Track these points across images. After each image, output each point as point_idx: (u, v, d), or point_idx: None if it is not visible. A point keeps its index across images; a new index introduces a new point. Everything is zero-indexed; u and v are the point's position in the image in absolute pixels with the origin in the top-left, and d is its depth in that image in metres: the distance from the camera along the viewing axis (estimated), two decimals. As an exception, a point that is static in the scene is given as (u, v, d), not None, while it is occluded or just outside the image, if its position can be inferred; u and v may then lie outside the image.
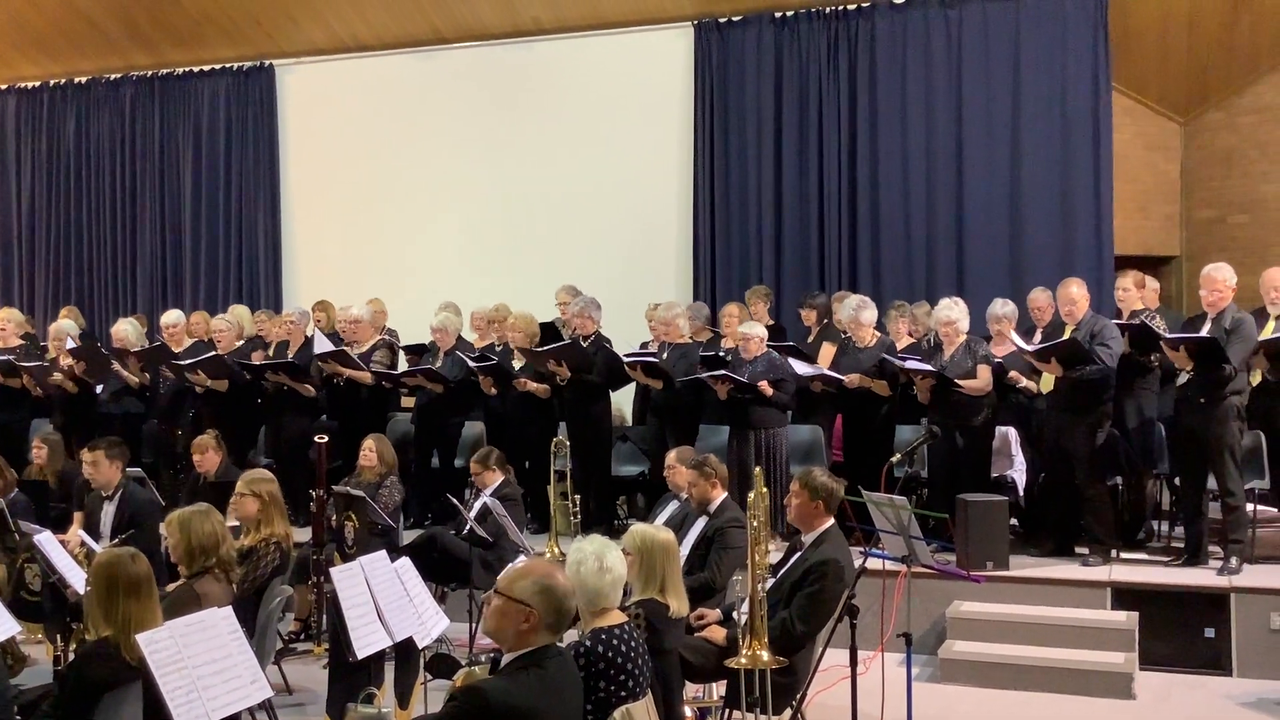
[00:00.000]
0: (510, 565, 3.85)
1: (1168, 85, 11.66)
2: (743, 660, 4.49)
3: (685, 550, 6.15)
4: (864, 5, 10.92)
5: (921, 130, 10.69)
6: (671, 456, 6.89)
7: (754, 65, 11.21)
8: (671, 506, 6.83)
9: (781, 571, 5.25)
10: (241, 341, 9.83)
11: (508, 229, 11.99)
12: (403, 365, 9.60)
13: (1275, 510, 7.54)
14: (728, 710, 5.03)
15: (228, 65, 13.09)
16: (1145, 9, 10.77)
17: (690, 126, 11.43)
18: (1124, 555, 7.53)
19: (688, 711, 4.88)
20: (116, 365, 9.62)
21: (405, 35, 12.32)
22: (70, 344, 9.66)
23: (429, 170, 12.28)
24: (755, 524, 4.65)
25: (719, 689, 5.31)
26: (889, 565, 5.38)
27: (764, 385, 7.90)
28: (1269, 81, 11.07)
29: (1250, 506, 7.20)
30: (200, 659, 4.03)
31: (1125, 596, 6.97)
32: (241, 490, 6.17)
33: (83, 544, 6.83)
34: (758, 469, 5.40)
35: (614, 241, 11.53)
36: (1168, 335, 7.05)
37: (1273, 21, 10.62)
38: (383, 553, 5.36)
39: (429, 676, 5.63)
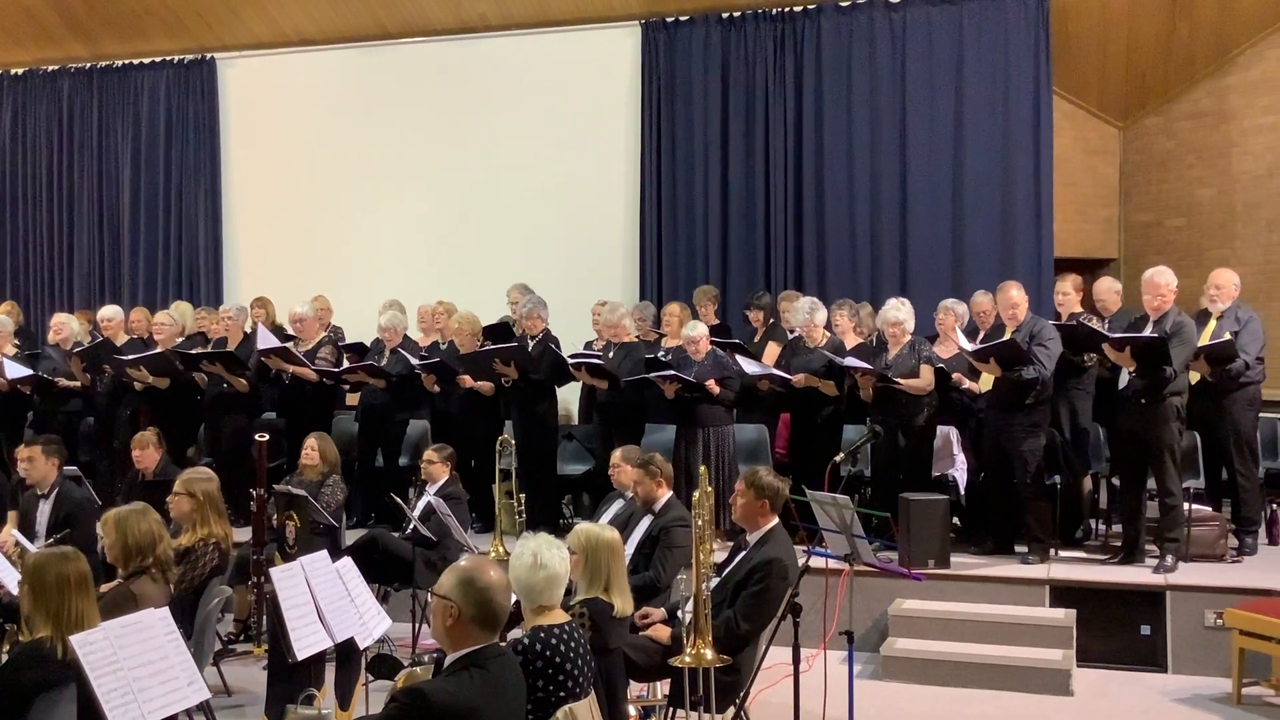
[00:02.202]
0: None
1: (1107, 90, 11.84)
2: (687, 659, 4.49)
3: (630, 549, 6.15)
4: (810, 7, 10.99)
5: (866, 131, 10.78)
6: (617, 455, 6.88)
7: (700, 65, 11.25)
8: (617, 505, 6.82)
9: (726, 570, 5.26)
10: (182, 338, 9.69)
11: (453, 226, 11.93)
12: (345, 365, 9.51)
13: (1209, 509, 7.67)
14: (671, 709, 5.04)
15: (168, 58, 12.93)
16: (1086, 15, 10.94)
17: (637, 125, 11.45)
18: (1062, 553, 7.65)
19: (631, 710, 4.88)
20: (64, 381, 9.45)
21: (349, 30, 12.22)
22: (12, 371, 9.35)
23: (372, 167, 12.19)
24: (700, 523, 4.65)
25: (663, 688, 5.31)
26: (832, 564, 5.40)
27: (711, 384, 7.92)
28: (1205, 87, 11.28)
29: (1185, 506, 7.33)
30: (136, 660, 3.95)
31: (1063, 594, 7.06)
32: (177, 489, 6.08)
33: (17, 544, 6.70)
34: (703, 468, 5.41)
35: (559, 240, 11.51)
36: (1115, 336, 7.14)
37: (1209, 29, 10.83)
38: (324, 552, 5.30)
39: (370, 677, 5.59)
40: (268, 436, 7.16)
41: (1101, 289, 8.29)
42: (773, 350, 8.83)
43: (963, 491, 8.13)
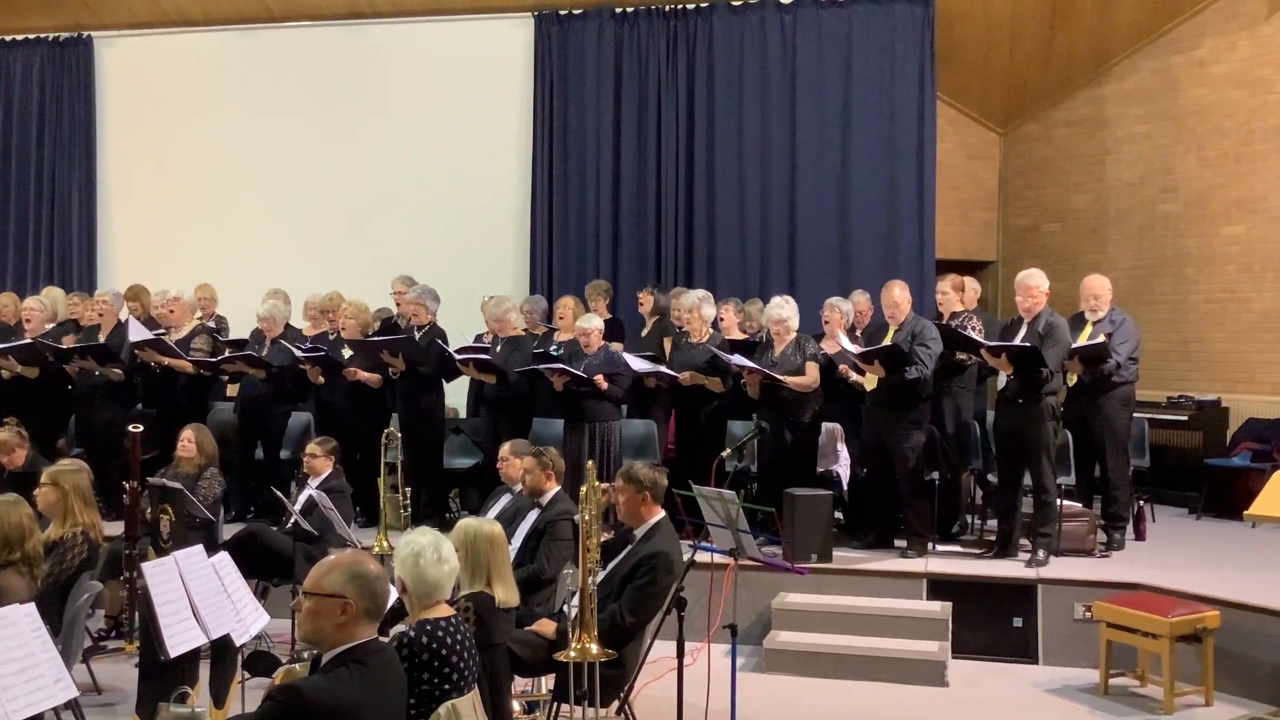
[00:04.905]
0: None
1: (989, 97, 12.14)
2: (572, 653, 4.48)
3: (517, 542, 6.13)
4: (702, 5, 11.07)
5: (756, 129, 10.91)
6: (505, 449, 6.84)
7: (594, 59, 11.25)
8: (504, 499, 6.79)
9: (612, 565, 5.27)
10: (53, 324, 9.37)
11: (341, 216, 11.74)
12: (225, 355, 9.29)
13: (1080, 505, 7.92)
14: (556, 704, 5.02)
15: (43, 35, 12.49)
16: (969, 23, 11.20)
17: (529, 118, 11.41)
18: (940, 548, 7.82)
19: (516, 705, 4.86)
20: None
21: (234, 11, 11.95)
22: None
23: (256, 153, 11.93)
24: (587, 517, 4.64)
25: (548, 683, 5.29)
26: (717, 558, 5.45)
27: (599, 379, 7.92)
28: (1082, 96, 11.63)
29: (1057, 502, 7.55)
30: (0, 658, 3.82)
31: (940, 587, 7.22)
32: (44, 480, 5.89)
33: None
34: (590, 462, 5.41)
35: (450, 231, 11.41)
36: (991, 344, 7.33)
37: (1087, 39, 11.17)
38: (199, 547, 5.17)
39: (247, 675, 5.47)
40: (142, 428, 6.98)
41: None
42: (665, 345, 8.85)
43: (845, 487, 8.27)
